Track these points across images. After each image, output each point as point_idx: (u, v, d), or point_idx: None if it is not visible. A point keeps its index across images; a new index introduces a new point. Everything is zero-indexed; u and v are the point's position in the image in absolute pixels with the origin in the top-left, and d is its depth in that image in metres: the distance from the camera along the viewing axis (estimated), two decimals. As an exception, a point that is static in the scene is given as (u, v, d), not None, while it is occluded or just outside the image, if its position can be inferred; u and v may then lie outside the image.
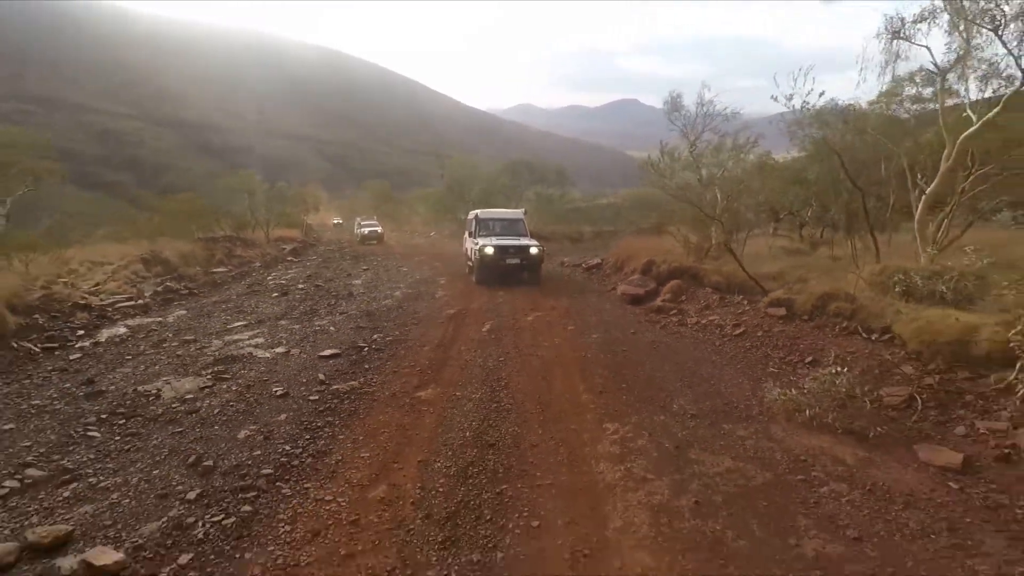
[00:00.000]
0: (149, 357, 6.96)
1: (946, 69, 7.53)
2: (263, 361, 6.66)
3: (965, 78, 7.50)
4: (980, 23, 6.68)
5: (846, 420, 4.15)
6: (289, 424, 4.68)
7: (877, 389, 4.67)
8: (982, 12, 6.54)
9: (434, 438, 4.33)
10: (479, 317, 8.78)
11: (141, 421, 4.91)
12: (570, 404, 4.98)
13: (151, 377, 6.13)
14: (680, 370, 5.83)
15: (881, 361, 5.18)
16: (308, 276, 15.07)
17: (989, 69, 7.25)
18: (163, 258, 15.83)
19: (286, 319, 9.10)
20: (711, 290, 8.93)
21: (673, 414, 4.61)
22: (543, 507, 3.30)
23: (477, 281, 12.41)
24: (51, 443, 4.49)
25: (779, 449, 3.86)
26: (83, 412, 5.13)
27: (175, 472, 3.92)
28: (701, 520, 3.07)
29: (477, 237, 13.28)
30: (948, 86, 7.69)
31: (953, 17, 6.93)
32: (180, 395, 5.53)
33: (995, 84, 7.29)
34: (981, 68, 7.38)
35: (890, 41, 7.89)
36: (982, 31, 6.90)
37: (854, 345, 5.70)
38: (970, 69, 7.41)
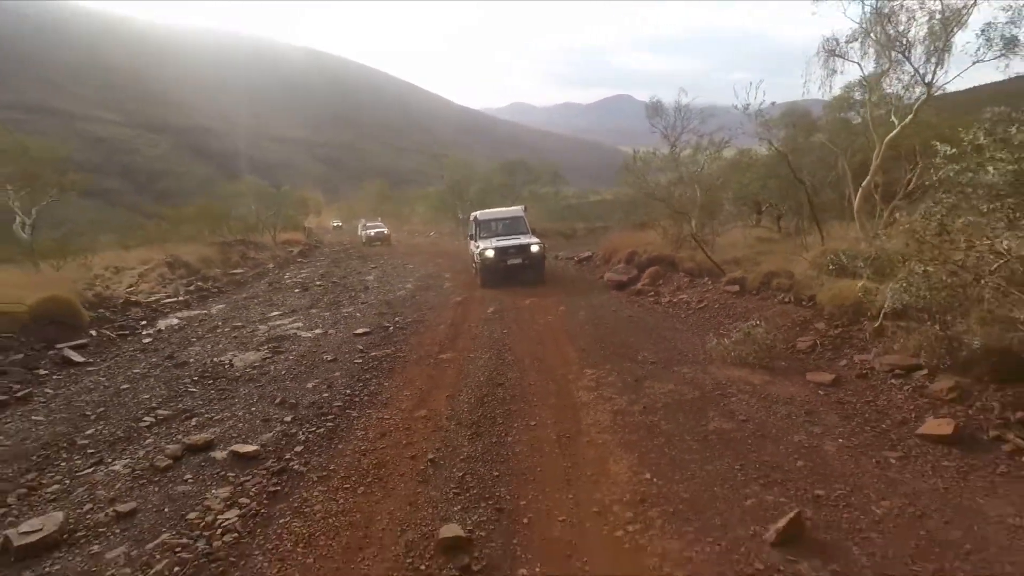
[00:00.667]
0: (210, 339, 8.46)
1: (873, 82, 9.07)
2: (307, 339, 8.16)
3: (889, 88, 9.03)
4: (893, 47, 8.22)
5: (763, 359, 5.68)
6: (344, 378, 6.19)
7: (794, 339, 6.21)
8: (891, 40, 8.08)
9: (456, 382, 5.84)
10: (483, 303, 10.28)
11: (225, 381, 6.41)
12: (559, 359, 6.50)
13: (219, 352, 7.63)
14: (648, 335, 7.36)
15: (803, 319, 6.71)
16: (322, 275, 16.53)
17: (907, 82, 8.79)
18: (184, 261, 17.34)
19: (315, 308, 10.59)
20: (684, 274, 10.45)
21: (637, 362, 6.13)
22: (538, 415, 4.81)
23: (482, 285, 12.34)
24: (164, 395, 5.98)
25: (709, 379, 5.38)
26: (178, 376, 6.63)
27: (268, 408, 5.41)
28: (644, 416, 4.59)
29: (478, 240, 13.35)
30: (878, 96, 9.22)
31: (873, 42, 8.46)
32: (249, 364, 7.03)
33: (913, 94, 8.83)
34: (901, 81, 8.92)
35: (827, 58, 9.42)
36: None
37: (786, 309, 7.24)
38: (892, 82, 8.95)
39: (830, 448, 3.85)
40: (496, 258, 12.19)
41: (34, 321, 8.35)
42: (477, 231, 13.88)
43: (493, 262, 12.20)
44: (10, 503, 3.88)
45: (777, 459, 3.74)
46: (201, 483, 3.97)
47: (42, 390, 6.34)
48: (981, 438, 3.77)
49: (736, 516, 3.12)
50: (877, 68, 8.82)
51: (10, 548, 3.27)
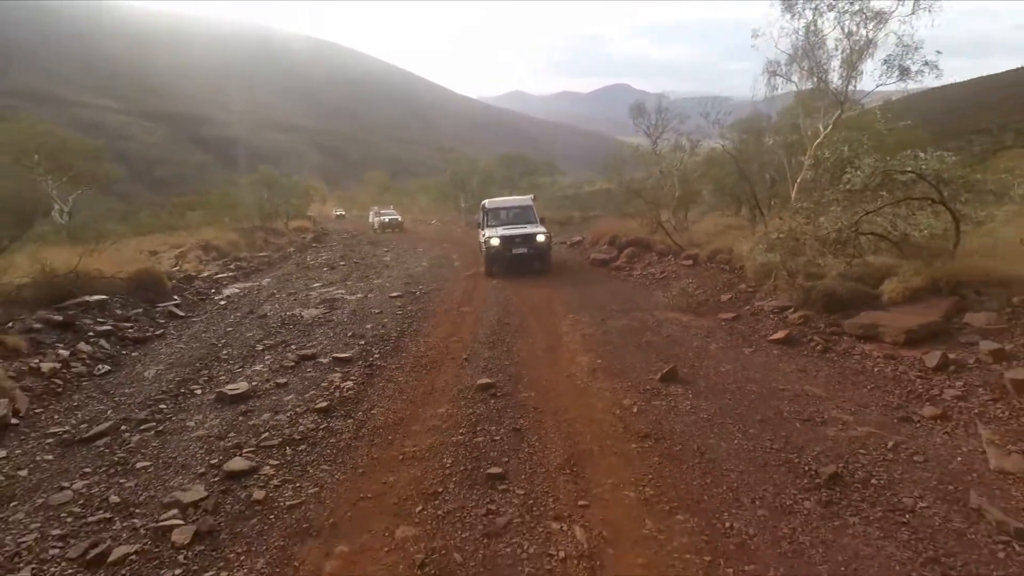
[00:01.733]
0: (275, 301, 10.92)
1: (803, 98, 11.54)
2: (352, 301, 10.62)
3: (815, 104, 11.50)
4: (814, 73, 10.68)
5: (692, 306, 8.18)
6: (392, 322, 8.67)
7: (719, 294, 8.71)
8: (812, 68, 10.54)
9: (474, 324, 8.32)
10: (489, 277, 12.75)
11: (302, 326, 8.86)
12: (548, 311, 8.98)
13: (287, 309, 10.08)
14: (616, 295, 9.86)
15: (730, 281, 9.21)
16: (341, 256, 18.94)
17: (827, 101, 11.26)
18: (215, 245, 19.72)
19: (349, 281, 13.04)
20: (654, 253, 12.94)
21: (605, 311, 8.62)
22: (533, 338, 7.31)
23: (486, 273, 12.78)
24: (262, 334, 8.43)
25: (651, 318, 7.89)
26: (264, 323, 9.08)
27: (344, 338, 7.87)
28: (603, 336, 7.09)
29: (485, 228, 13.71)
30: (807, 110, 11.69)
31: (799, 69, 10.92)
32: (314, 316, 9.47)
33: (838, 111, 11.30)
34: (827, 98, 11.38)
35: (769, 77, 11.88)
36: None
37: (721, 275, 9.74)
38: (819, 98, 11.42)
39: (712, 347, 6.37)
40: (501, 246, 12.51)
41: (135, 287, 10.78)
42: (485, 219, 14.14)
43: (498, 250, 12.54)
44: (197, 387, 6.32)
45: (677, 352, 6.25)
46: (320, 372, 6.44)
47: (167, 332, 8.80)
48: (802, 340, 6.29)
49: (644, 373, 5.62)
50: (804, 88, 11.28)
51: (225, 397, 5.74)
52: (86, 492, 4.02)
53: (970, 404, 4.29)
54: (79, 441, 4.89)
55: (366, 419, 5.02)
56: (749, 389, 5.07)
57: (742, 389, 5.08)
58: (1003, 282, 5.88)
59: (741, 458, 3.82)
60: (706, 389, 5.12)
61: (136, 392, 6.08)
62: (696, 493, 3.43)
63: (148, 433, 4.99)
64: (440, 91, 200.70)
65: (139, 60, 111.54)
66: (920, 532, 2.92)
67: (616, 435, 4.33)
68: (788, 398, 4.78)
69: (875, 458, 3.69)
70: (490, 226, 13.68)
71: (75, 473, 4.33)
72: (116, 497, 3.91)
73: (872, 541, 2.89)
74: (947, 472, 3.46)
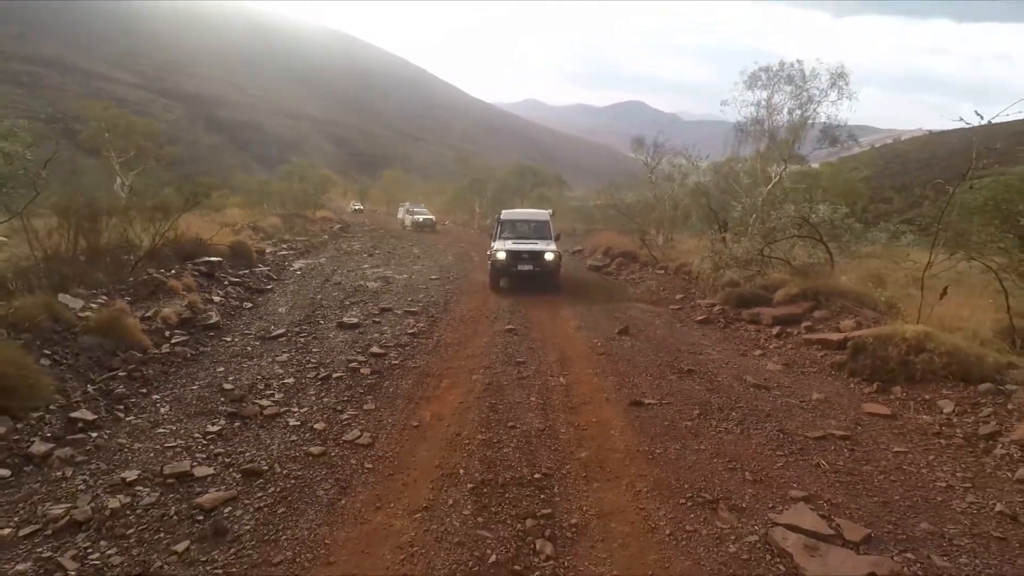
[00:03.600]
0: (340, 274, 14.52)
1: (761, 153, 15.28)
2: (401, 279, 14.24)
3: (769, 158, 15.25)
4: (766, 136, 14.43)
5: (654, 300, 11.84)
6: (437, 294, 12.29)
7: (674, 293, 12.36)
8: (767, 131, 14.28)
9: (498, 300, 11.95)
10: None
11: (370, 292, 12.46)
12: (553, 298, 12.62)
13: (353, 281, 13.68)
14: (604, 293, 13.51)
15: (686, 285, 12.87)
16: (373, 247, 22.56)
17: (781, 152, 15.00)
18: (261, 227, 23.30)
19: (391, 265, 16.67)
20: (638, 264, 16.62)
21: (593, 301, 12.27)
22: (540, 311, 10.96)
23: (491, 286, 13.12)
24: (342, 296, 12.01)
25: (624, 306, 11.56)
26: (341, 288, 12.69)
27: (406, 301, 11.48)
28: (587, 313, 10.75)
29: (496, 239, 13.77)
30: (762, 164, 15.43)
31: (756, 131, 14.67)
32: (376, 287, 13.08)
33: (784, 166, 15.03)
34: (777, 152, 15.13)
35: (737, 133, 15.61)
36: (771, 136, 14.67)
37: (681, 281, 13.41)
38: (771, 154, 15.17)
39: (656, 322, 10.03)
40: (507, 261, 12.63)
41: (232, 254, 14.38)
42: (499, 230, 14.11)
43: (503, 264, 12.66)
44: (319, 319, 9.91)
45: (633, 322, 9.88)
46: (398, 318, 10.05)
47: (274, 288, 12.41)
48: (714, 321, 9.94)
49: (608, 331, 9.24)
50: (762, 146, 15.04)
51: (344, 324, 9.34)
52: (294, 357, 7.62)
53: (777, 347, 7.97)
54: (268, 338, 8.50)
55: (439, 340, 8.65)
56: (667, 340, 8.72)
57: (663, 340, 8.74)
58: (842, 294, 9.54)
59: (649, 363, 7.45)
60: (642, 338, 8.78)
61: (280, 319, 9.70)
62: (621, 372, 7.06)
63: (307, 338, 8.60)
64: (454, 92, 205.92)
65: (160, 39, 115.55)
66: (719, 387, 6.55)
67: (586, 354, 7.96)
68: (687, 344, 8.45)
69: (714, 366, 7.33)
70: (502, 238, 13.70)
71: (279, 351, 7.93)
72: (313, 360, 7.52)
73: (695, 390, 6.51)
74: (744, 371, 7.10)
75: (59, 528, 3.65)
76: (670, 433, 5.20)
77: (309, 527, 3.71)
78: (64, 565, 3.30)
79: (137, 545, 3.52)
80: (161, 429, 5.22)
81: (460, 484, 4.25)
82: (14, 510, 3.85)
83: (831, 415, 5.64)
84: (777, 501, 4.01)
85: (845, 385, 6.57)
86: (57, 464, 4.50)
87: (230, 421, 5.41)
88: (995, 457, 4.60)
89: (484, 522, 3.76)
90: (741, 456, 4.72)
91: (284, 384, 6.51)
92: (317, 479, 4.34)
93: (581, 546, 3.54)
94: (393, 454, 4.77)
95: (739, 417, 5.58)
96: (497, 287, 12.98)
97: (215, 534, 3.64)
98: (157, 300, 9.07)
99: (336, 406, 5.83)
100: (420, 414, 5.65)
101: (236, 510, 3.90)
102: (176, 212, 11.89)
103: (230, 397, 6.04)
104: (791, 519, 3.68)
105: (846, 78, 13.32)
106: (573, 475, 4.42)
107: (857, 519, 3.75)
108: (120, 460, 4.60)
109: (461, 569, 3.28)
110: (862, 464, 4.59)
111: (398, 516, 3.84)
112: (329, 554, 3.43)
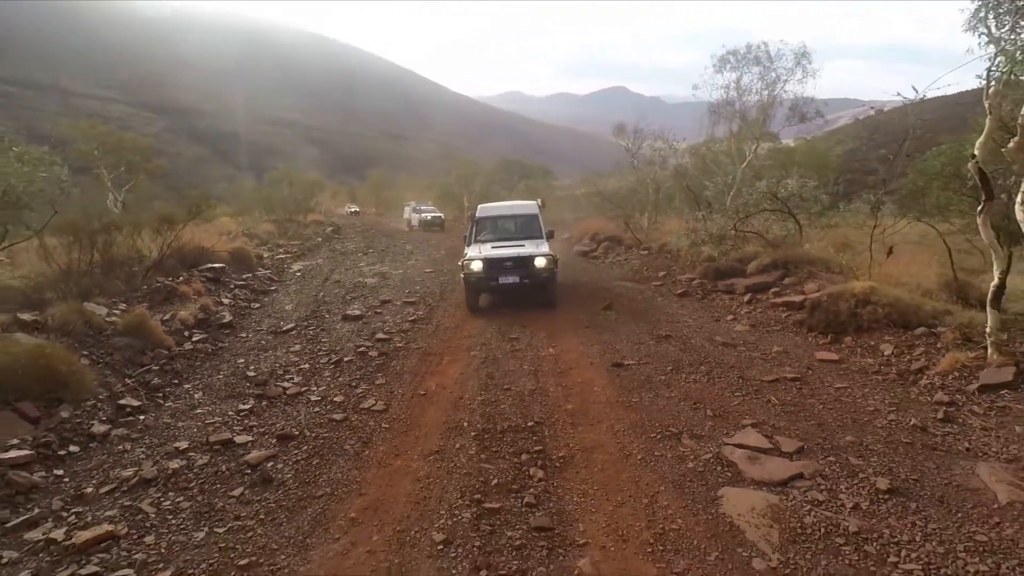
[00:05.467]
0: (339, 272, 15.25)
1: (733, 133, 16.06)
2: (397, 274, 14.98)
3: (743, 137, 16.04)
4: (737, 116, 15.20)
5: (637, 278, 12.65)
6: (433, 285, 13.05)
7: (656, 271, 13.18)
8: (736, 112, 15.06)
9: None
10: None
11: (370, 287, 13.20)
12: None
13: (352, 278, 14.41)
14: (590, 275, 14.31)
15: (668, 264, 13.68)
16: (367, 246, 23.25)
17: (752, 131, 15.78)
18: (255, 233, 23.93)
19: (387, 262, 17.39)
20: (623, 247, 17.41)
21: (580, 282, 13.05)
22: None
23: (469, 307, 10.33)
24: (343, 292, 12.75)
25: (610, 284, 12.35)
26: (341, 285, 13.42)
27: (403, 293, 12.24)
28: (575, 293, 11.54)
29: (471, 244, 11.09)
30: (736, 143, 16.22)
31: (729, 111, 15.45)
32: (375, 282, 13.82)
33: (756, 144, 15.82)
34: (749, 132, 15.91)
35: (711, 115, 16.39)
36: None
37: (663, 259, 14.21)
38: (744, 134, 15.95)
39: (638, 297, 10.83)
40: (484, 273, 10.02)
41: (233, 259, 15.08)
42: (473, 232, 11.37)
43: (479, 279, 10.05)
44: (324, 313, 10.65)
45: (616, 298, 10.67)
46: (399, 308, 10.80)
47: (277, 289, 13.12)
48: (692, 294, 10.75)
49: (594, 307, 10.02)
50: (734, 126, 15.83)
51: (348, 316, 10.09)
52: (306, 347, 8.37)
53: (748, 312, 8.80)
54: (280, 332, 9.24)
55: (438, 325, 9.42)
56: (647, 312, 9.52)
57: (643, 311, 9.54)
58: (810, 261, 10.35)
59: (630, 332, 8.24)
60: (625, 312, 9.58)
61: (288, 315, 10.43)
62: (604, 341, 7.84)
63: (316, 330, 9.35)
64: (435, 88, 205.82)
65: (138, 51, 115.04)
66: (692, 347, 7.34)
67: (572, 328, 8.75)
68: (665, 314, 9.26)
69: (688, 331, 8.13)
70: (478, 241, 11.11)
71: (291, 342, 8.67)
72: (324, 348, 8.27)
73: (670, 351, 7.30)
74: (715, 333, 7.90)
75: (132, 485, 4.42)
76: (645, 386, 6.00)
77: (341, 471, 4.49)
78: (144, 510, 4.07)
79: (200, 493, 4.29)
80: (199, 410, 5.98)
81: (464, 434, 5.03)
82: (90, 475, 4.62)
83: (787, 363, 6.46)
84: (731, 429, 4.81)
85: (804, 339, 7.40)
86: (116, 440, 5.26)
87: (258, 401, 6.17)
88: (919, 387, 5.43)
89: (486, 459, 4.55)
90: (704, 399, 5.53)
91: (301, 369, 7.27)
92: (343, 438, 5.11)
93: (567, 471, 4.33)
94: (405, 416, 5.55)
95: (706, 370, 6.39)
96: (476, 308, 10.25)
97: (263, 481, 4.41)
98: (171, 304, 9.79)
99: (351, 383, 6.59)
100: (426, 384, 6.43)
101: (277, 464, 4.68)
102: (180, 223, 12.54)
103: (254, 382, 6.80)
104: (739, 439, 4.49)
105: (809, 57, 14.11)
106: (561, 422, 5.21)
107: (794, 437, 4.57)
108: (169, 435, 5.36)
109: (469, 491, 4.06)
110: (807, 399, 5.41)
111: (414, 460, 4.62)
112: (360, 488, 4.21)
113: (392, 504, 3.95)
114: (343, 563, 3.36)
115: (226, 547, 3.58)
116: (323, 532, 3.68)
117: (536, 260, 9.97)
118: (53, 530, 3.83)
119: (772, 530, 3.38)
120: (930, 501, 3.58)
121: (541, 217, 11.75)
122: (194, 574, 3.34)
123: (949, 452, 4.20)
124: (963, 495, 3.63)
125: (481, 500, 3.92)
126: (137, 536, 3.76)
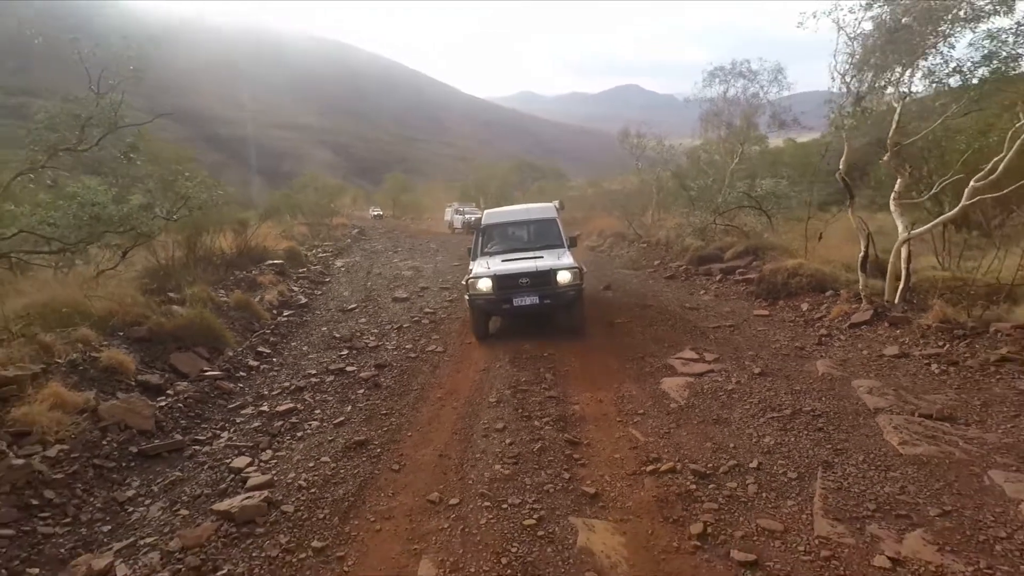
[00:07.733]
0: (377, 266, 17.99)
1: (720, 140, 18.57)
2: (429, 268, 17.68)
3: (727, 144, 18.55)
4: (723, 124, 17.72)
5: (635, 267, 15.24)
6: (461, 276, 15.69)
7: (652, 261, 15.75)
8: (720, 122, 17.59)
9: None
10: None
11: (408, 278, 15.91)
12: (553, 270, 16.03)
13: (391, 271, 17.14)
14: (596, 265, 16.89)
15: (664, 254, 16.24)
16: (394, 245, 26.01)
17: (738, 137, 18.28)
18: (292, 235, 26.77)
19: (417, 258, 20.11)
20: (627, 241, 19.98)
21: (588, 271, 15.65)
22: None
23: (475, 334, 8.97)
24: (386, 281, 15.48)
25: (611, 273, 14.95)
26: (383, 276, 16.16)
27: (438, 282, 14.93)
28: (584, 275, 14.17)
29: (477, 257, 9.86)
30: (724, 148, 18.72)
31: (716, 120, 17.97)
32: (411, 275, 16.52)
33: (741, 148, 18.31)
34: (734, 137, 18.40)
35: (704, 121, 18.92)
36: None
37: (659, 250, 16.77)
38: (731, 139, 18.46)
39: (633, 280, 13.45)
40: (493, 294, 8.59)
41: (287, 257, 17.88)
42: (480, 242, 10.13)
43: (487, 301, 8.67)
44: (378, 296, 13.35)
45: (614, 282, 13.25)
46: (435, 293, 13.48)
47: (329, 280, 15.88)
48: (678, 277, 13.32)
49: (596, 287, 12.63)
50: (722, 132, 18.34)
51: (397, 298, 12.80)
52: (371, 319, 11.06)
53: (716, 287, 11.39)
54: (346, 310, 11.96)
55: (471, 302, 12.08)
56: (638, 290, 12.12)
57: (636, 290, 12.14)
58: (775, 248, 12.86)
59: (622, 303, 10.84)
60: (620, 291, 12.18)
61: (348, 299, 13.15)
62: (602, 308, 10.45)
63: (374, 308, 12.05)
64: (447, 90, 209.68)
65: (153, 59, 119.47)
66: (666, 311, 9.93)
67: (578, 302, 11.36)
68: (652, 290, 11.88)
69: (666, 301, 10.71)
70: (486, 254, 9.85)
71: (358, 317, 11.37)
72: (384, 319, 10.95)
73: (649, 313, 9.87)
74: (685, 301, 10.46)
75: (291, 391, 7.13)
76: (628, 333, 8.63)
77: (423, 380, 7.18)
78: (306, 399, 6.77)
79: (336, 393, 6.99)
80: (311, 356, 8.70)
81: (501, 360, 7.71)
82: (261, 386, 7.34)
83: (730, 318, 9.06)
84: (677, 352, 7.42)
85: (749, 303, 9.98)
86: (265, 370, 8.01)
87: (350, 350, 8.87)
88: (814, 328, 8.00)
89: (516, 371, 7.22)
90: (665, 338, 8.15)
91: (373, 332, 9.98)
92: (420, 365, 7.81)
93: (569, 377, 6.97)
94: (460, 355, 8.24)
95: (672, 323, 9.03)
96: (485, 335, 8.93)
97: (375, 387, 7.10)
98: (254, 291, 12.57)
99: (415, 339, 9.29)
100: (470, 339, 9.09)
101: (380, 378, 7.37)
102: (251, 226, 15.37)
103: (342, 339, 9.52)
104: (679, 355, 7.11)
105: (783, 72, 16.60)
106: (566, 352, 7.85)
107: (715, 353, 7.18)
108: (300, 367, 8.10)
109: (507, 384, 6.72)
110: (735, 336, 8.02)
111: (470, 373, 7.30)
112: (439, 384, 6.92)
113: (461, 391, 6.64)
114: (439, 414, 6.04)
115: (367, 408, 6.28)
116: (423, 403, 6.38)
117: (559, 275, 8.48)
118: (259, 407, 6.55)
119: (685, 392, 6.01)
120: (780, 377, 6.21)
121: (559, 221, 10.32)
122: (354, 417, 6.04)
123: (809, 358, 6.81)
124: (800, 374, 6.26)
125: (516, 386, 6.59)
126: (308, 411, 6.46)
